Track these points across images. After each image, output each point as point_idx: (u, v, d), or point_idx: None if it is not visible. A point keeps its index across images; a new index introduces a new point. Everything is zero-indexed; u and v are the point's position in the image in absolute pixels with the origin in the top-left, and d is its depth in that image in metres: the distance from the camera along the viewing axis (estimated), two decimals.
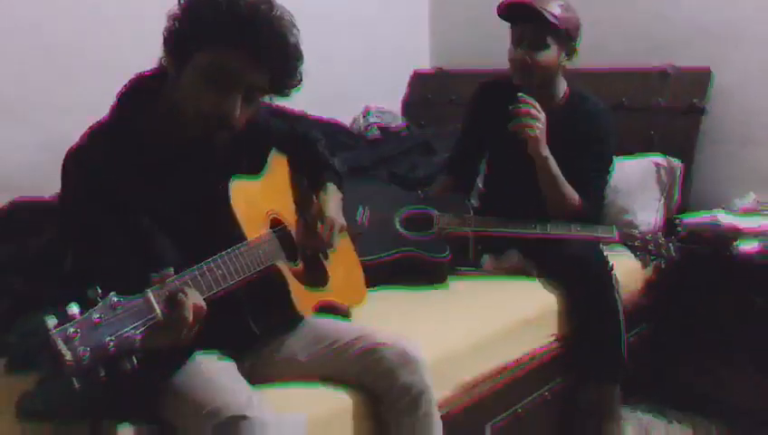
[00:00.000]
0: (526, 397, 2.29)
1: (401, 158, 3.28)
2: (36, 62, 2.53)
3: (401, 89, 4.00)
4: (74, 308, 1.10)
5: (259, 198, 1.74)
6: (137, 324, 1.18)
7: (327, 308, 1.87)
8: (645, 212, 2.92)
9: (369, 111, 3.63)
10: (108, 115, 1.57)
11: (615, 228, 2.44)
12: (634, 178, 2.93)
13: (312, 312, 1.80)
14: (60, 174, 1.49)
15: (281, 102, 1.66)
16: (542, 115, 2.37)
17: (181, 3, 1.51)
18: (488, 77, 2.73)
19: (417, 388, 1.67)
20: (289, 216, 1.87)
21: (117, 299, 1.16)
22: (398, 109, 3.93)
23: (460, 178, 2.80)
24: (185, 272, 1.34)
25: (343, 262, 2.02)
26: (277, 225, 1.78)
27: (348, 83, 3.53)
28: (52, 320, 1.07)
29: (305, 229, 1.87)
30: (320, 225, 1.85)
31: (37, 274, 2.09)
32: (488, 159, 2.78)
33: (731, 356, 2.63)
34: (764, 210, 2.76)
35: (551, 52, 2.42)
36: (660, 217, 2.94)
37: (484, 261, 2.63)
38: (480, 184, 2.87)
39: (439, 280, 2.46)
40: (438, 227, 2.51)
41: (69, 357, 1.06)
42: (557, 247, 2.41)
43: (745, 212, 2.76)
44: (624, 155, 2.89)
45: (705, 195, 3.03)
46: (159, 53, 1.55)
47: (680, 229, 2.59)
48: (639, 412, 2.74)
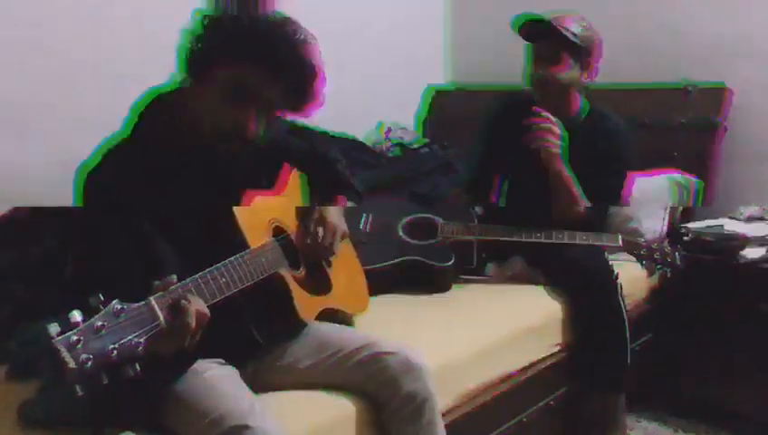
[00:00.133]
0: (530, 406, 2.28)
1: (422, 178, 3.26)
2: (36, 66, 2.50)
3: (414, 103, 3.96)
4: (77, 315, 1.10)
5: (264, 208, 1.74)
6: (140, 332, 1.17)
7: (330, 315, 1.86)
8: (650, 220, 2.90)
9: (390, 130, 3.60)
10: (124, 131, 1.57)
11: (620, 236, 2.43)
12: (649, 193, 2.89)
13: (315, 318, 1.79)
14: (75, 189, 1.49)
15: (301, 120, 1.65)
16: (559, 130, 2.37)
17: (201, 20, 1.51)
18: (508, 94, 2.71)
19: (420, 396, 1.66)
20: (291, 224, 1.86)
21: (120, 306, 1.16)
22: (411, 123, 3.88)
23: (480, 196, 2.77)
24: (188, 279, 1.34)
25: (346, 269, 2.01)
26: (280, 233, 1.77)
27: (360, 97, 3.46)
28: (54, 327, 1.07)
29: (307, 236, 1.86)
30: (321, 231, 1.85)
31: (38, 281, 2.08)
32: (507, 175, 2.72)
33: (735, 364, 2.62)
34: None
35: (569, 69, 2.41)
36: (666, 225, 2.93)
37: (489, 269, 2.62)
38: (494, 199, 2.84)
39: (443, 287, 2.45)
40: (442, 235, 2.50)
41: (72, 364, 1.05)
42: (561, 255, 2.40)
43: (750, 219, 2.75)
44: (641, 171, 2.83)
45: (718, 208, 3.00)
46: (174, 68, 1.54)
47: (685, 236, 2.59)
48: (644, 421, 2.73)
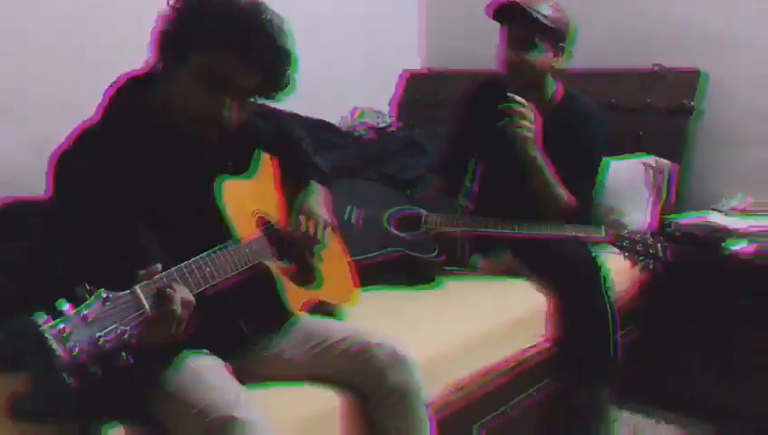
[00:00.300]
0: (516, 397, 2.29)
1: (391, 158, 3.24)
2: (30, 61, 2.50)
3: (390, 88, 3.96)
4: (65, 305, 1.09)
5: (246, 197, 1.74)
6: (127, 320, 1.18)
7: (318, 306, 1.87)
8: (634, 212, 2.93)
9: (362, 112, 3.61)
10: (96, 116, 1.57)
11: (604, 228, 2.44)
12: (622, 177, 2.93)
13: (303, 310, 1.80)
14: (47, 174, 1.49)
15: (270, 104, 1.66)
16: (533, 115, 2.37)
17: (174, 4, 1.51)
18: (480, 77, 2.72)
19: (406, 387, 1.67)
20: (275, 215, 1.86)
21: (106, 295, 1.16)
22: (386, 108, 3.90)
23: (451, 179, 2.80)
24: (172, 268, 1.35)
25: (332, 260, 2.01)
26: (264, 224, 1.78)
27: (335, 82, 3.48)
28: (42, 317, 1.06)
29: (292, 227, 1.86)
30: (306, 221, 1.85)
31: (24, 273, 2.07)
32: (479, 159, 2.76)
33: (720, 357, 2.64)
34: (758, 211, 2.77)
35: (541, 52, 2.42)
36: (649, 216, 2.95)
37: (475, 261, 2.63)
38: (468, 183, 2.86)
39: (428, 279, 2.46)
40: (426, 227, 2.51)
41: (62, 353, 1.05)
42: (547, 248, 2.41)
43: (738, 212, 2.77)
44: (613, 156, 2.89)
45: (698, 196, 3.03)
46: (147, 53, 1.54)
47: (671, 230, 2.60)
48: (629, 412, 2.74)
